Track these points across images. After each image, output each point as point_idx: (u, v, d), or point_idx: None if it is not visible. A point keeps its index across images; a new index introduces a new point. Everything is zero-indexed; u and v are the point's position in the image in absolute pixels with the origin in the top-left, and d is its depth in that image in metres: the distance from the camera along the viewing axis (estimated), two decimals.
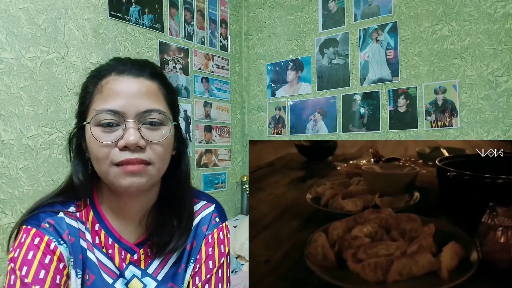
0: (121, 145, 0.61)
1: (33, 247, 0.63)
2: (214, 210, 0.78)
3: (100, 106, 0.63)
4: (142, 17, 2.14)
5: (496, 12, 1.86)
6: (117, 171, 0.62)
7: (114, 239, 0.69)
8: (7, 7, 1.60)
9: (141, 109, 0.63)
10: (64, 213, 0.67)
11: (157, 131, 0.64)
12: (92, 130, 0.62)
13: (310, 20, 2.51)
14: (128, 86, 0.64)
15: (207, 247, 0.74)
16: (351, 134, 2.32)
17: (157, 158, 0.64)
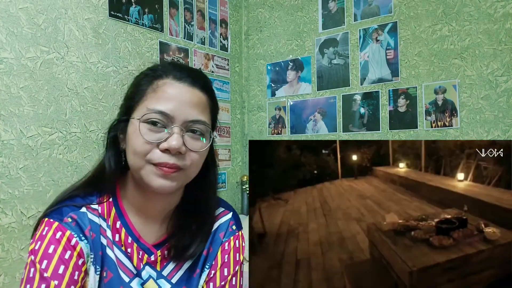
0: (163, 147, 0.63)
1: (55, 241, 0.63)
2: (231, 217, 0.80)
3: (152, 105, 0.64)
4: (142, 17, 2.14)
5: (496, 12, 1.86)
6: (152, 170, 0.63)
7: (134, 238, 0.70)
8: (7, 7, 1.60)
9: (189, 117, 0.65)
10: (86, 208, 0.68)
11: (198, 141, 0.67)
12: (140, 125, 0.64)
13: (310, 20, 2.51)
14: (183, 93, 0.66)
15: (223, 254, 0.75)
16: (351, 134, 2.32)
17: (192, 165, 0.66)
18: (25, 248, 1.59)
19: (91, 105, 1.87)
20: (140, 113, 0.65)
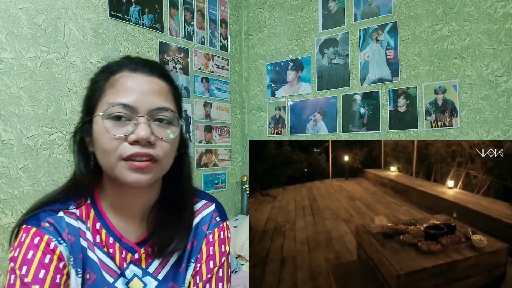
0: (132, 139, 0.62)
1: (33, 246, 0.63)
2: (214, 209, 0.78)
3: (113, 99, 0.63)
4: (142, 17, 2.14)
5: (496, 12, 1.86)
6: (125, 166, 0.62)
7: (115, 238, 0.69)
8: (7, 7, 1.60)
9: (153, 106, 0.64)
10: (64, 212, 0.67)
11: (166, 129, 0.65)
12: (103, 122, 0.63)
13: (310, 20, 2.51)
14: (142, 83, 0.65)
15: (208, 247, 0.74)
16: (351, 134, 2.32)
17: (164, 156, 0.65)
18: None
19: None
20: (101, 110, 0.64)
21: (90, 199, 0.70)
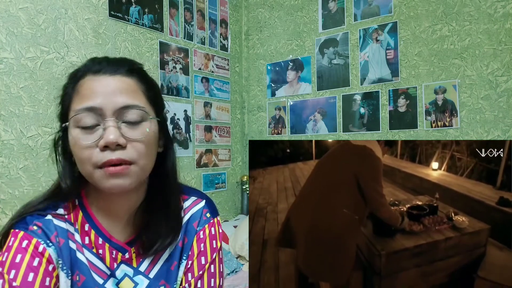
0: (101, 145, 0.60)
1: (21, 250, 0.62)
2: (204, 205, 0.77)
3: (78, 105, 0.62)
4: (142, 17, 2.14)
5: (496, 12, 1.86)
6: (101, 173, 0.61)
7: (105, 239, 0.69)
8: (7, 7, 1.60)
9: (118, 105, 0.61)
10: (52, 215, 0.67)
11: (138, 129, 0.63)
12: (73, 131, 0.62)
13: (310, 20, 2.51)
14: (104, 84, 0.63)
15: (198, 243, 0.73)
16: (351, 134, 2.32)
17: (139, 156, 0.63)
18: None
19: None
20: (69, 118, 0.63)
21: (78, 201, 0.70)
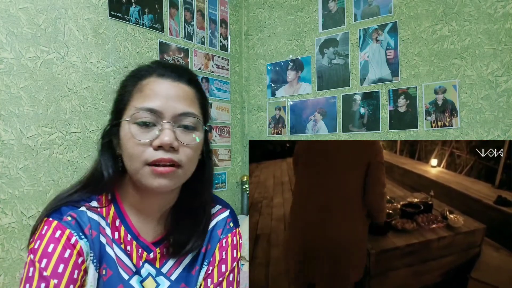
0: (156, 145, 0.63)
1: (54, 240, 0.63)
2: (229, 215, 0.80)
3: (139, 104, 0.65)
4: (142, 17, 2.14)
5: (496, 12, 1.86)
6: (149, 171, 0.64)
7: (133, 236, 0.70)
8: (7, 7, 1.60)
9: (178, 111, 0.65)
10: (86, 207, 0.68)
11: (190, 135, 0.67)
12: (130, 127, 0.64)
13: (310, 20, 2.51)
14: (168, 88, 0.66)
15: (221, 251, 0.75)
16: (351, 134, 2.32)
17: (187, 161, 0.66)
18: (25, 248, 1.58)
19: (91, 105, 1.87)
20: (128, 115, 0.66)
21: (111, 196, 0.71)
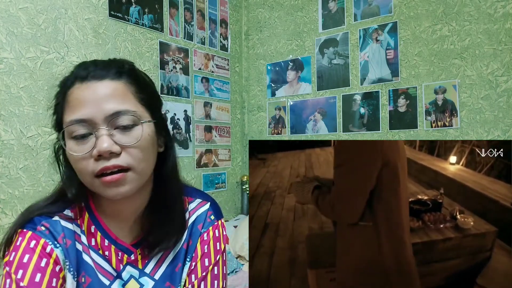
0: (95, 155, 0.59)
1: (29, 250, 0.62)
2: (209, 208, 0.77)
3: (69, 117, 0.61)
4: (142, 17, 2.14)
5: (496, 12, 1.86)
6: (99, 183, 0.61)
7: (111, 241, 0.69)
8: (7, 7, 1.60)
9: (108, 112, 0.60)
10: (59, 216, 0.67)
11: (131, 133, 0.62)
12: (67, 143, 0.61)
13: (310, 20, 2.51)
14: (92, 91, 0.61)
15: (202, 245, 0.74)
16: (351, 134, 2.32)
17: (136, 162, 0.62)
18: None
19: None
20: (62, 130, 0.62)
21: (84, 203, 0.70)
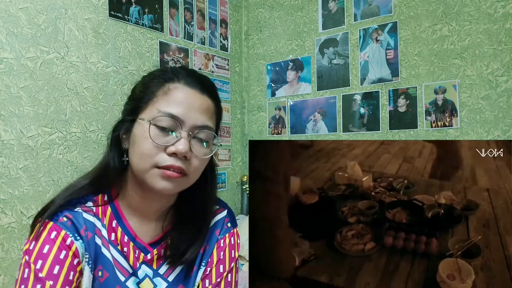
0: (170, 151, 0.63)
1: (49, 241, 0.63)
2: (226, 215, 0.80)
3: (164, 107, 0.65)
4: (142, 17, 2.14)
5: (496, 12, 1.86)
6: (156, 173, 0.64)
7: (130, 237, 0.70)
8: (7, 7, 1.60)
9: (197, 123, 0.66)
10: (82, 208, 0.68)
11: (203, 147, 0.68)
12: (150, 128, 0.64)
13: (310, 20, 2.51)
14: (194, 99, 0.67)
15: (218, 251, 0.75)
16: (351, 134, 2.32)
17: (194, 171, 0.67)
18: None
19: (91, 105, 1.87)
20: (149, 115, 0.65)
21: (107, 197, 0.71)
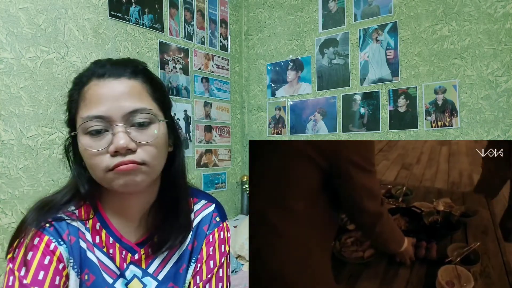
0: (112, 151, 0.60)
1: (33, 247, 0.62)
2: (214, 209, 0.77)
3: (85, 113, 0.61)
4: (142, 17, 2.14)
5: (496, 12, 1.86)
6: (112, 175, 0.61)
7: (115, 239, 0.69)
8: (7, 7, 1.60)
9: (126, 110, 0.61)
10: (64, 213, 0.67)
11: (147, 131, 0.63)
12: (82, 139, 0.62)
13: (310, 20, 2.51)
14: (110, 89, 0.62)
15: (208, 247, 0.74)
16: (351, 134, 2.32)
17: (150, 158, 0.63)
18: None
19: None
20: (78, 126, 0.63)
21: (89, 201, 0.70)
